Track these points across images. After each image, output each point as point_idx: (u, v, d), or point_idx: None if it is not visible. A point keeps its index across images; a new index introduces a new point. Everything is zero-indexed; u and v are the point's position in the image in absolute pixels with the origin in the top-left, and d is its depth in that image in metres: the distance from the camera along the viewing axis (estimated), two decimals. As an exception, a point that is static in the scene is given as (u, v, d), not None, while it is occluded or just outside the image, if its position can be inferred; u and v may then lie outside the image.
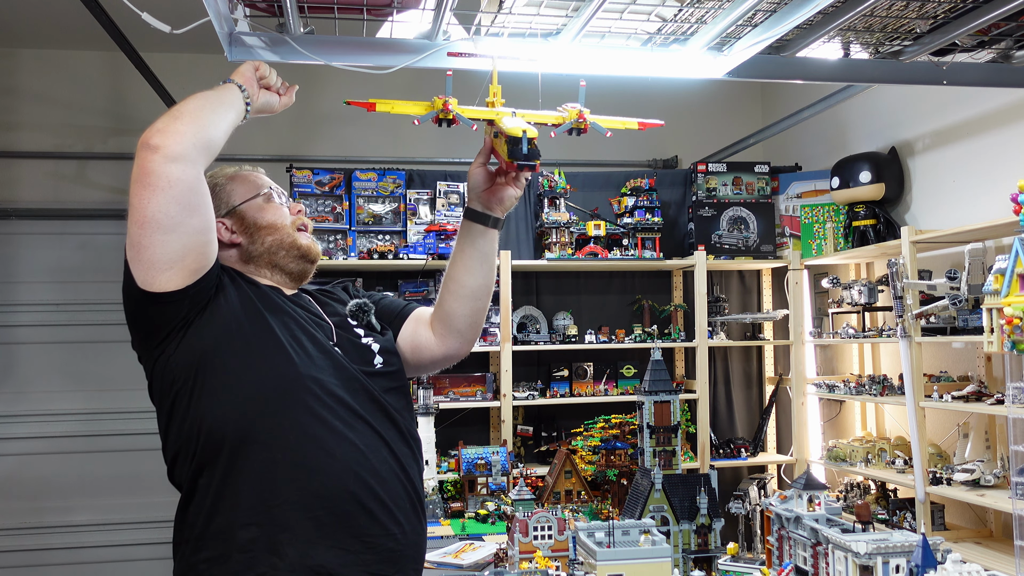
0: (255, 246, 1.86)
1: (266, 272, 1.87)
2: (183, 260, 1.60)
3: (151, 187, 1.53)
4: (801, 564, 2.31)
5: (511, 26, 2.44)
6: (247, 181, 1.94)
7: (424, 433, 4.11)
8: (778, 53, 2.71)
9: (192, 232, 1.60)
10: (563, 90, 2.72)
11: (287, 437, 1.65)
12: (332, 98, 5.32)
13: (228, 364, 1.66)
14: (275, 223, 1.89)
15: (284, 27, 2.35)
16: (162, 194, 1.53)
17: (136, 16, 2.17)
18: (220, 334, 1.67)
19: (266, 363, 1.68)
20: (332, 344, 1.80)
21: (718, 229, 4.78)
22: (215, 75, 1.94)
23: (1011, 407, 2.66)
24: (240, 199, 1.89)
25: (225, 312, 1.69)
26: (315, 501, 1.63)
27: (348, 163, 4.88)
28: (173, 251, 1.58)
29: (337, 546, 1.64)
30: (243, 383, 1.66)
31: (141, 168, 1.54)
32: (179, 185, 1.55)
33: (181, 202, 1.56)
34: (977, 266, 3.39)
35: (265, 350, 1.69)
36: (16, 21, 4.79)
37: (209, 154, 1.63)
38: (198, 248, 1.63)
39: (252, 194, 1.91)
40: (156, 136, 1.55)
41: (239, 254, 1.86)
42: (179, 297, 1.62)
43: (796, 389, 4.79)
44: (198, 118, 1.62)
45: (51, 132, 5.07)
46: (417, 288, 4.56)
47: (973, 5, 2.45)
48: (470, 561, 3.10)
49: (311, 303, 1.90)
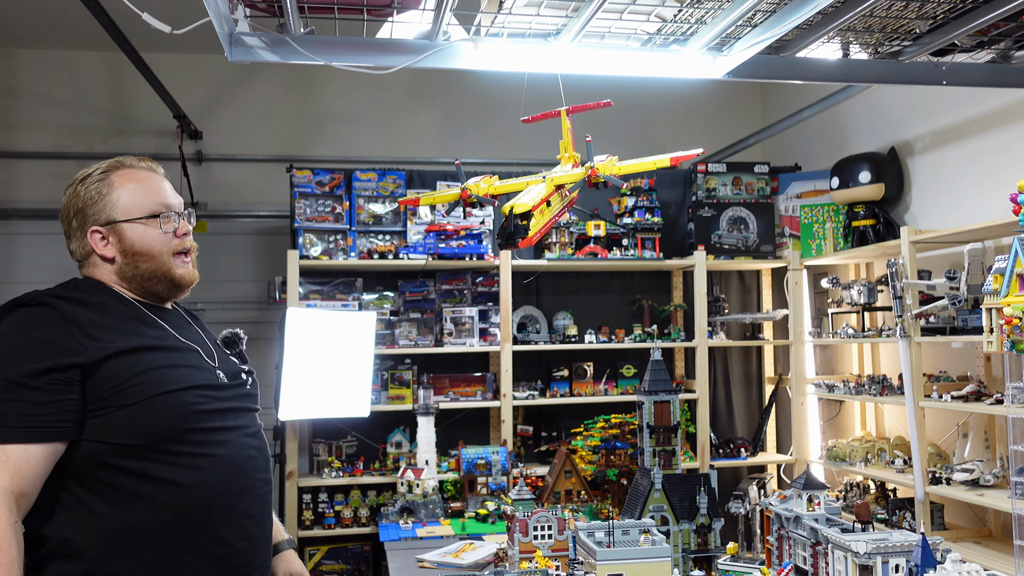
0: (128, 269, 1.82)
1: (137, 291, 1.85)
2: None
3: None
4: (801, 564, 2.31)
5: (511, 26, 2.44)
6: (137, 191, 1.83)
7: (424, 433, 4.12)
8: (778, 53, 2.71)
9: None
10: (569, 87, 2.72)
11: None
12: (332, 98, 5.33)
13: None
14: (153, 251, 1.81)
15: (284, 27, 2.35)
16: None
17: (136, 16, 2.18)
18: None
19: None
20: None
21: (718, 229, 4.79)
22: (215, 75, 1.94)
23: (1010, 407, 2.66)
24: (123, 215, 1.81)
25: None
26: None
27: (348, 163, 4.88)
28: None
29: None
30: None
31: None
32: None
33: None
34: (976, 266, 3.39)
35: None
36: (16, 21, 4.79)
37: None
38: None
39: (139, 215, 1.81)
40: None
41: (113, 269, 1.82)
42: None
43: (796, 389, 4.79)
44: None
45: (51, 132, 5.08)
46: (417, 288, 4.56)
47: (973, 5, 2.45)
48: (470, 561, 3.10)
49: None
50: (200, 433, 1.74)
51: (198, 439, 1.73)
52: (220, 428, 1.78)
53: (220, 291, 5.03)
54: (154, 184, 1.86)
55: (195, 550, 1.70)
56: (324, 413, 4.20)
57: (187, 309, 2.05)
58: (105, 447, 1.66)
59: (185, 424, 1.72)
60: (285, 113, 5.31)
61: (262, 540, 1.86)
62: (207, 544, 1.72)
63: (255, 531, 1.82)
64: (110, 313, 1.76)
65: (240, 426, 1.84)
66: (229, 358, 1.95)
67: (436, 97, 5.43)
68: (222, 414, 1.80)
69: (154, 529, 1.66)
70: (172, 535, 1.68)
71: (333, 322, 4.17)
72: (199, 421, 1.74)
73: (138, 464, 1.67)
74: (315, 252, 4.41)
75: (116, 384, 1.67)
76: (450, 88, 5.41)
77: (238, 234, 5.23)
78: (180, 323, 1.91)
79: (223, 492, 1.74)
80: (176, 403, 1.71)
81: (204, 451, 1.73)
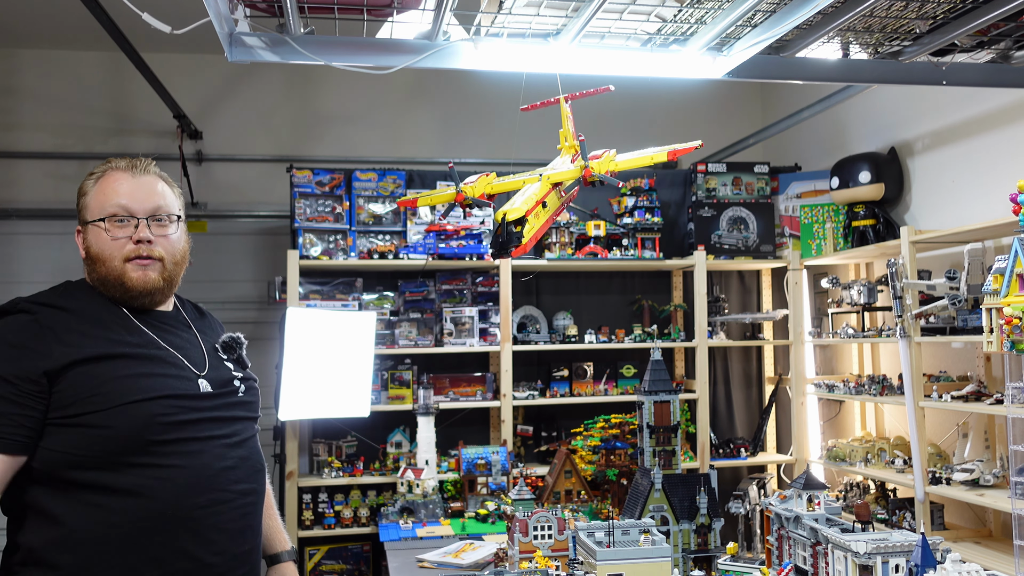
0: (91, 272, 1.82)
1: (112, 295, 1.81)
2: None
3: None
4: (801, 564, 2.31)
5: (511, 26, 2.44)
6: (101, 193, 1.81)
7: (424, 433, 4.12)
8: (778, 53, 2.71)
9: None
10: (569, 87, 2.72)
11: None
12: (332, 98, 5.33)
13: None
14: (102, 254, 1.77)
15: (284, 27, 2.35)
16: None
17: (136, 16, 2.18)
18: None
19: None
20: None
21: (718, 229, 4.79)
22: (215, 75, 1.94)
23: (1010, 407, 2.66)
24: (90, 216, 1.81)
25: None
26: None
27: (348, 163, 4.88)
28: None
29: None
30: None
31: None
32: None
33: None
34: (976, 266, 3.39)
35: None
36: (16, 21, 4.79)
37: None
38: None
39: (97, 216, 1.78)
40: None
41: (87, 271, 1.83)
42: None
43: (796, 389, 4.79)
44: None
45: (51, 132, 5.08)
46: (417, 288, 4.56)
47: (972, 5, 2.45)
48: (470, 561, 3.10)
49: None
50: (166, 444, 1.69)
51: (163, 450, 1.69)
52: (191, 439, 1.73)
53: (220, 291, 5.03)
54: (120, 185, 1.80)
55: (157, 563, 1.66)
56: (324, 413, 4.20)
57: (199, 308, 2.03)
58: (68, 456, 1.64)
59: (149, 436, 1.68)
60: (285, 113, 5.31)
61: (238, 555, 1.79)
62: (171, 558, 1.68)
63: (227, 545, 1.76)
64: (88, 318, 1.75)
65: (219, 436, 1.78)
66: (223, 364, 1.90)
67: (436, 97, 5.42)
68: (196, 424, 1.75)
69: (117, 540, 1.64)
70: (134, 547, 1.65)
71: (333, 322, 4.17)
72: (165, 432, 1.70)
73: (100, 475, 1.65)
74: (315, 252, 4.41)
75: (82, 392, 1.65)
76: (450, 88, 5.41)
77: (238, 234, 5.23)
78: (171, 326, 1.87)
79: (189, 505, 1.70)
80: (141, 413, 1.68)
81: (170, 462, 1.69)
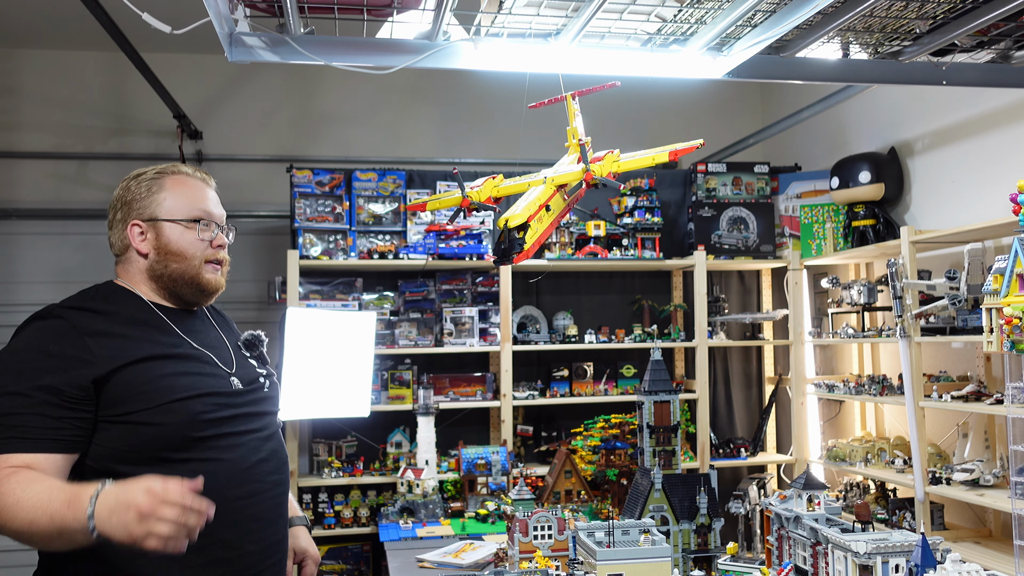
0: (159, 267, 1.88)
1: (164, 293, 1.90)
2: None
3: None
4: (801, 564, 2.31)
5: (511, 26, 2.44)
6: (184, 196, 1.91)
7: (424, 433, 4.12)
8: (778, 53, 2.72)
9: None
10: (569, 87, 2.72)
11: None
12: (332, 98, 5.33)
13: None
14: (186, 253, 1.89)
15: (284, 27, 2.35)
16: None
17: (136, 16, 2.18)
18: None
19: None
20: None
21: (718, 229, 4.79)
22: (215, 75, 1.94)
23: (1010, 407, 2.66)
24: (166, 214, 1.88)
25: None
26: None
27: (348, 163, 4.88)
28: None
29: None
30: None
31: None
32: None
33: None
34: (976, 266, 3.39)
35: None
36: (16, 21, 4.79)
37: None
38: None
39: (181, 217, 1.88)
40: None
41: (144, 266, 1.88)
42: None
43: (796, 389, 4.79)
44: (22, 536, 1.62)
45: (51, 132, 5.08)
46: (417, 288, 4.56)
47: (973, 5, 2.45)
48: (470, 561, 3.10)
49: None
50: (207, 440, 1.77)
51: (205, 446, 1.76)
52: (229, 434, 1.81)
53: (220, 291, 5.03)
54: (201, 192, 1.94)
55: (200, 553, 1.71)
56: (324, 413, 4.20)
57: (216, 309, 2.11)
58: (116, 452, 1.70)
59: (192, 432, 1.75)
60: (285, 113, 5.31)
61: (273, 543, 1.88)
62: (213, 547, 1.74)
63: (264, 534, 1.85)
64: (123, 321, 1.81)
65: (252, 430, 1.87)
66: (247, 362, 1.99)
67: (436, 97, 5.43)
68: (232, 420, 1.83)
69: None
70: None
71: (333, 322, 4.17)
72: (206, 429, 1.77)
73: (146, 469, 1.68)
74: (315, 252, 4.41)
75: (127, 393, 1.71)
76: (450, 88, 5.41)
77: (238, 234, 5.18)
78: (201, 327, 1.95)
79: (229, 497, 1.76)
80: (184, 411, 1.74)
81: (210, 456, 1.77)
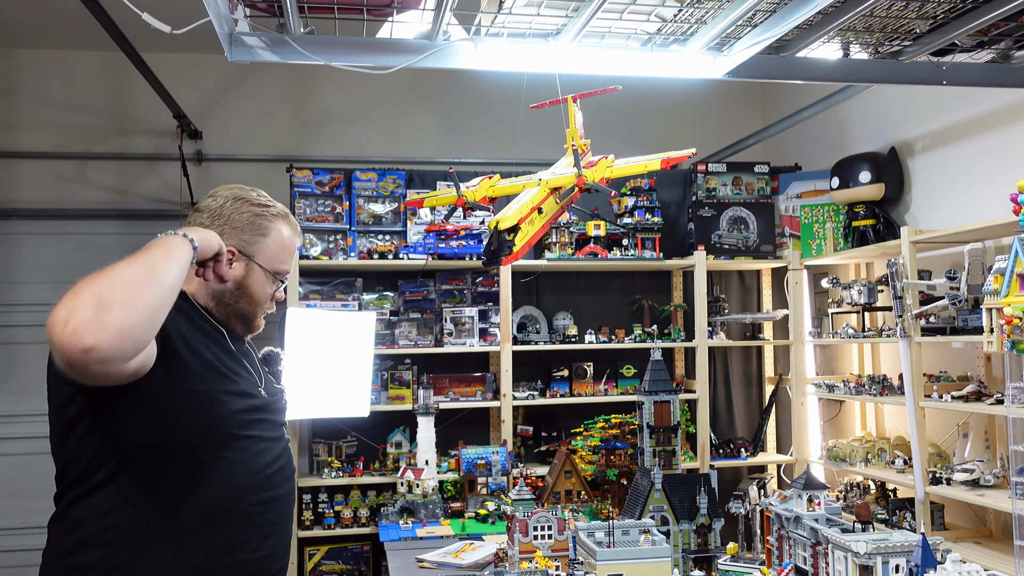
0: (230, 297, 1.93)
1: (215, 309, 1.94)
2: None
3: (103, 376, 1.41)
4: (801, 564, 2.31)
5: (511, 26, 2.45)
6: (283, 249, 1.99)
7: (424, 433, 4.12)
8: (778, 53, 2.72)
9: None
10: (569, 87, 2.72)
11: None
12: (332, 98, 5.33)
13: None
14: (257, 298, 1.98)
15: (284, 27, 2.35)
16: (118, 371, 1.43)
17: (136, 16, 2.18)
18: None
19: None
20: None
21: (718, 229, 4.79)
22: (215, 75, 1.94)
23: (1011, 407, 2.66)
24: (263, 260, 1.95)
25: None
26: None
27: (348, 163, 4.88)
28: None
29: None
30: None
31: (79, 371, 1.36)
32: (134, 366, 1.47)
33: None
34: (977, 266, 3.39)
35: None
36: (16, 21, 4.79)
37: (157, 321, 1.49)
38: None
39: (272, 268, 1.97)
40: (86, 336, 1.32)
41: (216, 286, 1.91)
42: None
43: (796, 389, 4.79)
44: (134, 300, 1.40)
45: (51, 132, 5.08)
46: (417, 288, 4.56)
47: (973, 5, 2.45)
48: (470, 561, 3.10)
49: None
50: (239, 440, 1.80)
51: (236, 445, 1.79)
52: (258, 438, 1.85)
53: (220, 291, 5.03)
54: (293, 251, 2.04)
55: (214, 553, 1.74)
56: (324, 413, 4.20)
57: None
58: (146, 441, 1.69)
59: (231, 429, 1.78)
60: (285, 113, 5.30)
61: (282, 548, 1.93)
62: (227, 548, 1.76)
63: (278, 538, 1.89)
64: (192, 321, 1.84)
65: (274, 438, 1.92)
66: (267, 376, 2.04)
67: (436, 97, 5.42)
68: (261, 424, 1.87)
69: (177, 529, 1.70)
70: (194, 537, 1.72)
71: (333, 322, 4.17)
72: (242, 428, 1.80)
73: (178, 463, 1.72)
74: (315, 252, 4.41)
75: (177, 373, 1.69)
76: (450, 88, 5.41)
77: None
78: (235, 347, 2.00)
79: (252, 500, 1.80)
80: (226, 407, 1.78)
81: (239, 457, 1.79)
